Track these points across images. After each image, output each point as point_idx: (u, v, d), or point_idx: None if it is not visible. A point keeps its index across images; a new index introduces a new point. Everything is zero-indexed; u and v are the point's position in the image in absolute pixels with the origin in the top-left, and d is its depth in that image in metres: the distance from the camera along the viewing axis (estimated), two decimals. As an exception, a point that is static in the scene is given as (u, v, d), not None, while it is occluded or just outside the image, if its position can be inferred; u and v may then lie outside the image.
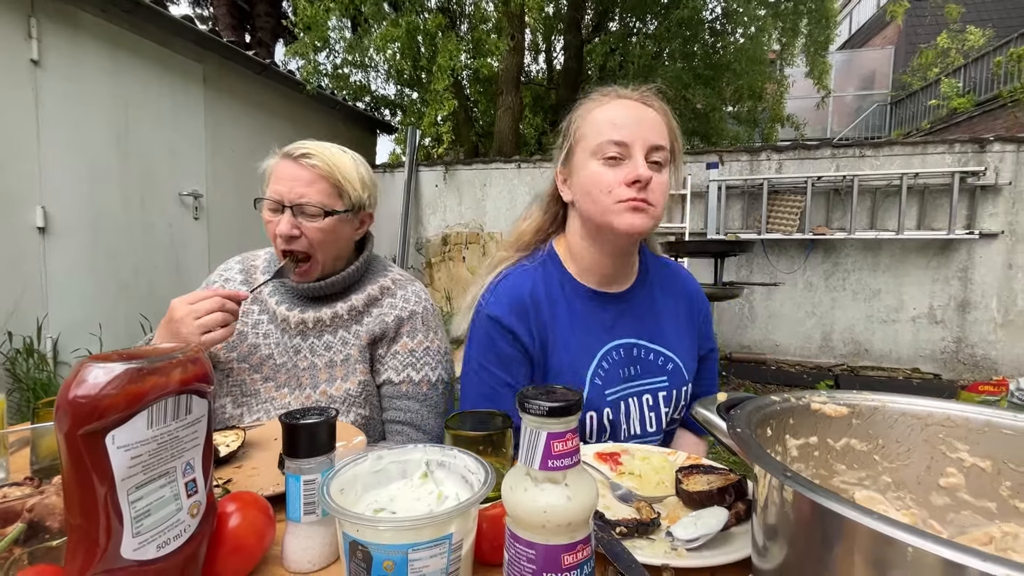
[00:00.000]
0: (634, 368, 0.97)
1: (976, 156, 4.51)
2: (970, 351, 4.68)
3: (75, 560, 0.41)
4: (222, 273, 1.17)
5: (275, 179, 1.03)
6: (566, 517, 0.41)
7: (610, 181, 0.87)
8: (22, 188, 3.18)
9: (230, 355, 1.06)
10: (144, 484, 0.43)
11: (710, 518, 0.60)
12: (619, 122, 0.88)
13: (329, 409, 0.59)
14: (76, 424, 0.39)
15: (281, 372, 1.05)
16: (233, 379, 1.05)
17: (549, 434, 0.42)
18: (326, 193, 1.03)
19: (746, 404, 0.58)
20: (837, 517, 0.37)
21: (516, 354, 0.94)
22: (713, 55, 7.25)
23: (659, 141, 0.88)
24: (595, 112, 0.92)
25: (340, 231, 1.07)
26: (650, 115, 0.90)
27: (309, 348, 1.07)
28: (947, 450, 0.58)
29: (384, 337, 1.08)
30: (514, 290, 0.96)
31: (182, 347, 0.48)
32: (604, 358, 0.95)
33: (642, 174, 0.85)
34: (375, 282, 1.13)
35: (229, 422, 1.03)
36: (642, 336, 0.99)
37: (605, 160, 0.88)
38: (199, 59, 4.29)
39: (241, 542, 0.53)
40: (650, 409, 0.97)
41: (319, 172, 1.03)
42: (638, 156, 0.86)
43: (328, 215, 1.03)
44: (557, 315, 0.95)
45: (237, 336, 1.07)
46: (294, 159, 1.03)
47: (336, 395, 1.03)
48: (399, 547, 0.44)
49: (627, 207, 0.86)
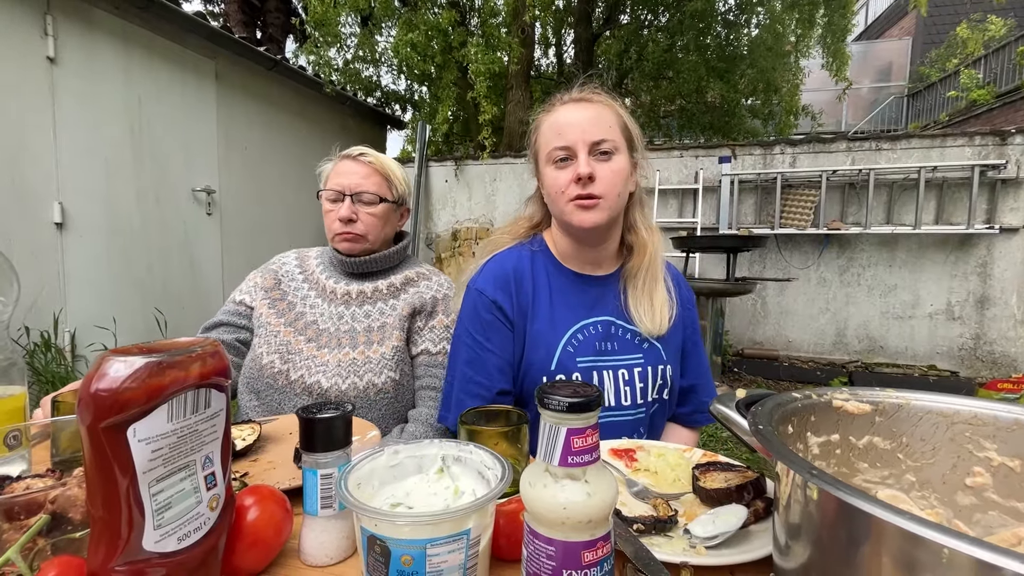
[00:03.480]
0: (610, 343, 1.03)
1: (997, 149, 4.41)
2: (989, 348, 4.60)
3: (98, 551, 0.41)
4: (279, 258, 1.35)
5: (336, 174, 1.24)
6: (586, 514, 0.41)
7: (562, 182, 0.96)
8: (40, 184, 3.23)
9: (279, 320, 1.23)
10: (165, 477, 0.43)
11: (729, 516, 0.59)
12: (561, 128, 0.96)
13: (345, 404, 0.59)
14: (98, 417, 0.39)
15: (323, 336, 1.20)
16: (280, 339, 1.20)
17: (569, 430, 0.41)
18: (379, 185, 1.24)
19: (766, 401, 0.57)
20: (866, 516, 0.36)
21: (496, 321, 1.02)
22: (727, 47, 7.15)
23: (600, 135, 0.94)
24: (544, 123, 1.01)
25: (388, 218, 1.27)
26: (590, 112, 0.96)
27: (351, 315, 1.22)
28: (974, 449, 0.56)
29: (423, 310, 1.24)
30: (499, 266, 1.06)
31: (201, 341, 0.48)
32: (580, 331, 1.02)
33: (582, 172, 0.92)
34: (411, 269, 1.32)
35: (277, 376, 1.16)
36: (619, 315, 1.04)
37: (556, 164, 0.97)
38: (211, 55, 4.32)
39: (260, 535, 0.54)
40: (626, 383, 1.02)
41: (374, 167, 1.24)
42: (581, 155, 0.94)
43: (382, 201, 1.24)
44: (539, 289, 1.04)
45: (287, 306, 1.25)
46: (353, 158, 1.25)
47: (372, 356, 1.17)
48: (418, 542, 0.44)
49: (576, 205, 0.95)
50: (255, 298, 1.27)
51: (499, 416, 0.75)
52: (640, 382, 1.02)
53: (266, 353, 1.18)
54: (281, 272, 1.30)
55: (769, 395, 0.60)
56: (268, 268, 1.32)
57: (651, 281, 1.05)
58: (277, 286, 1.28)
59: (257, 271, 1.33)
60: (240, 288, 1.31)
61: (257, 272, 1.32)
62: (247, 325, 1.26)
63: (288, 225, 5.19)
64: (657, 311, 1.04)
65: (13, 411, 0.71)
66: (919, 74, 10.05)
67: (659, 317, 1.03)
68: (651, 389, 1.03)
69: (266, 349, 1.18)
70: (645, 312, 1.03)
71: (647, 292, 1.05)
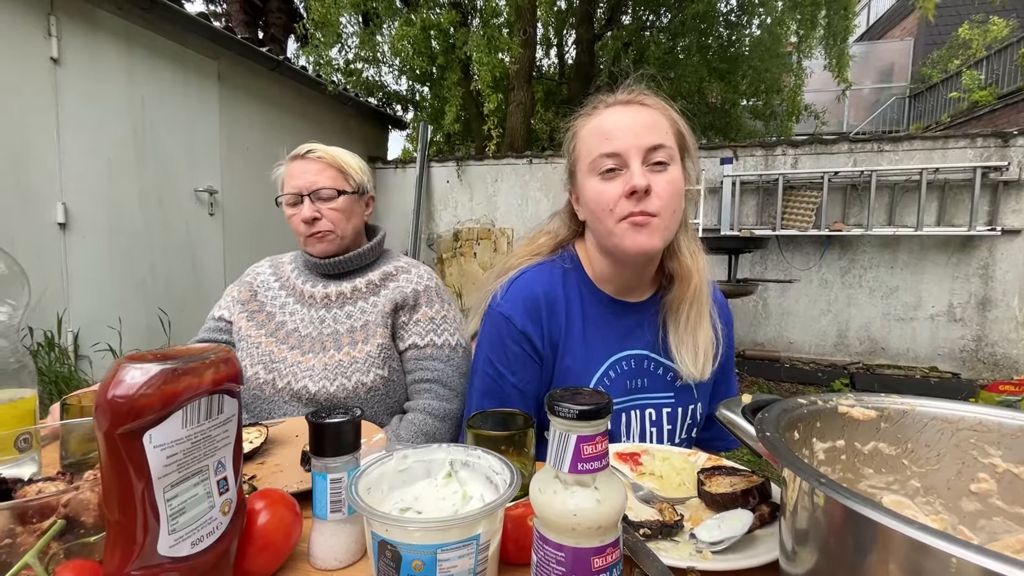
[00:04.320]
0: (641, 381, 0.94)
1: (999, 150, 4.41)
2: (990, 350, 4.59)
3: (113, 556, 0.42)
4: (254, 269, 1.35)
5: (290, 177, 1.22)
6: (596, 520, 0.41)
7: (610, 197, 0.83)
8: (44, 185, 3.24)
9: (260, 332, 1.22)
10: (179, 482, 0.44)
11: (735, 520, 0.59)
12: (609, 132, 0.84)
13: (354, 408, 0.60)
14: (115, 424, 0.40)
15: (306, 341, 1.19)
16: (262, 350, 1.19)
17: (579, 437, 0.42)
18: (334, 178, 1.22)
19: (773, 407, 0.57)
20: (873, 524, 0.37)
21: (525, 355, 0.92)
22: (729, 48, 7.15)
23: (656, 140, 0.82)
24: (586, 127, 0.89)
25: (352, 210, 1.24)
26: (643, 115, 0.85)
27: (332, 318, 1.21)
28: (979, 455, 0.57)
29: (405, 305, 1.22)
30: (528, 289, 0.94)
31: (214, 347, 0.48)
32: (612, 367, 0.93)
33: (637, 183, 0.80)
34: (389, 264, 1.29)
35: (263, 387, 1.15)
36: (655, 349, 0.96)
37: (603, 175, 0.84)
38: (214, 56, 4.33)
39: (270, 539, 0.54)
40: (652, 424, 0.94)
41: (325, 162, 1.22)
42: (635, 163, 0.82)
43: (341, 194, 1.21)
44: (572, 318, 0.93)
45: (266, 316, 1.24)
46: (302, 157, 1.22)
47: (358, 356, 1.16)
48: (428, 547, 0.45)
49: (629, 225, 0.82)
50: (233, 312, 1.26)
51: (506, 420, 0.75)
52: (669, 424, 0.94)
53: (250, 365, 1.17)
54: (256, 283, 1.29)
55: (775, 400, 0.60)
56: (243, 281, 1.31)
57: (696, 318, 0.92)
58: (254, 298, 1.27)
59: (234, 284, 1.32)
60: (219, 304, 1.30)
61: (234, 286, 1.31)
62: (228, 340, 1.25)
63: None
64: (701, 354, 0.91)
65: (24, 414, 0.72)
66: (921, 75, 10.04)
67: (702, 361, 0.91)
68: (679, 430, 0.95)
69: (249, 362, 1.17)
70: (687, 354, 0.92)
71: (691, 331, 0.92)
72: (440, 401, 1.15)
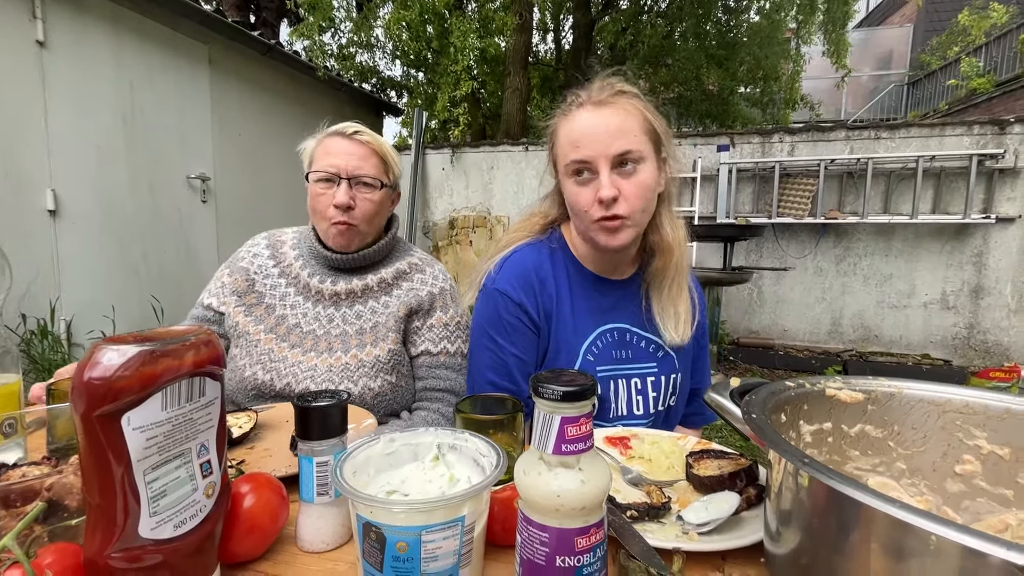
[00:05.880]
0: (625, 351, 1.00)
1: (995, 138, 4.40)
2: (982, 337, 4.63)
3: (94, 539, 0.42)
4: (250, 249, 1.22)
5: (327, 154, 1.10)
6: (580, 501, 0.41)
7: (584, 201, 0.89)
8: (32, 171, 3.19)
9: (258, 327, 1.12)
10: (160, 465, 0.43)
11: (721, 503, 0.60)
12: (579, 139, 0.87)
13: (341, 392, 0.59)
14: (92, 406, 0.39)
15: (308, 339, 1.11)
16: (261, 348, 1.10)
17: (563, 419, 0.42)
18: (378, 168, 1.13)
19: (760, 390, 0.57)
20: (855, 503, 0.37)
21: (522, 325, 0.97)
22: (727, 34, 7.08)
23: (623, 147, 0.85)
24: (561, 128, 0.92)
25: (385, 204, 1.16)
26: (613, 119, 0.86)
27: (342, 317, 1.13)
28: (964, 437, 0.57)
29: (420, 310, 1.15)
30: (521, 265, 0.99)
31: (195, 330, 0.48)
32: (598, 338, 0.99)
33: (603, 195, 0.85)
34: (402, 259, 1.21)
35: (261, 388, 1.08)
36: (636, 322, 1.01)
37: (577, 179, 0.89)
38: (204, 40, 4.25)
39: (256, 522, 0.54)
40: (638, 392, 1.00)
41: (372, 148, 1.12)
42: (603, 173, 0.86)
43: (383, 187, 1.12)
44: (560, 292, 0.99)
45: (265, 310, 1.14)
46: (347, 136, 1.11)
47: (366, 360, 1.09)
48: (412, 529, 0.45)
49: (600, 227, 0.89)
50: (225, 303, 1.15)
51: (495, 404, 0.75)
52: (653, 391, 1.00)
53: (248, 365, 1.08)
54: (253, 269, 1.17)
55: (763, 384, 0.60)
56: (237, 265, 1.18)
57: (677, 288, 1.00)
58: (251, 288, 1.15)
59: (225, 267, 1.19)
60: (208, 289, 1.17)
61: (225, 268, 1.18)
62: (218, 332, 1.14)
63: (284, 212, 5.15)
64: (683, 319, 0.99)
65: (7, 398, 0.71)
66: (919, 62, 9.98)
67: (683, 326, 0.99)
68: (663, 398, 1.01)
69: (248, 361, 1.09)
70: (670, 320, 0.99)
71: (672, 299, 1.00)
72: (451, 408, 1.11)
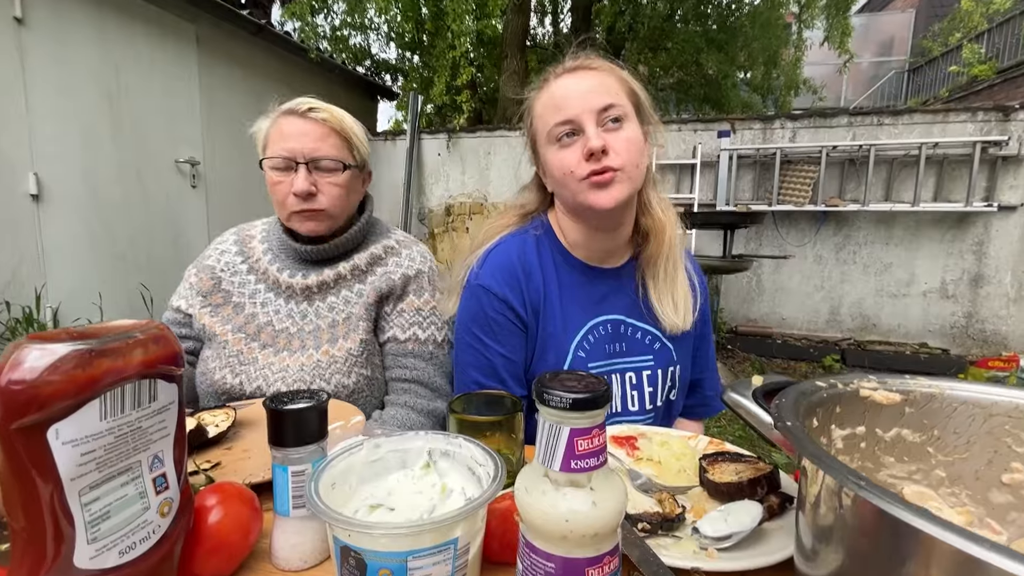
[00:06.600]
0: (619, 344, 0.95)
1: (1000, 125, 4.33)
2: (980, 326, 4.61)
3: (21, 569, 0.35)
4: (217, 247, 1.14)
5: (281, 137, 0.99)
6: (592, 526, 0.35)
7: (571, 161, 0.84)
8: (13, 153, 3.08)
9: (225, 328, 1.05)
10: (100, 483, 0.37)
11: (742, 514, 0.54)
12: (560, 102, 0.85)
13: (320, 393, 0.53)
14: (9, 416, 0.33)
15: (280, 337, 1.04)
16: (230, 350, 1.02)
17: (572, 430, 0.35)
18: (339, 147, 1.02)
19: (788, 391, 0.51)
20: (915, 532, 0.31)
21: (508, 323, 0.92)
22: (728, 17, 6.94)
23: (606, 100, 0.82)
24: (539, 100, 0.89)
25: (353, 187, 1.06)
26: (591, 79, 0.85)
27: (315, 312, 1.05)
28: (1013, 443, 0.51)
29: (391, 294, 1.07)
30: (505, 257, 0.94)
31: (143, 324, 0.41)
32: (590, 332, 0.93)
33: (593, 146, 0.81)
34: (378, 242, 1.12)
35: (231, 392, 1.00)
36: (632, 313, 0.96)
37: (561, 143, 0.85)
38: (192, 19, 4.11)
39: (223, 540, 0.48)
40: (633, 387, 0.94)
41: (330, 126, 1.00)
42: (589, 127, 0.82)
43: (346, 168, 1.01)
44: (548, 284, 0.93)
45: (233, 309, 1.06)
46: (300, 115, 1.00)
47: (338, 355, 1.01)
48: (397, 555, 0.39)
49: (591, 184, 0.83)
50: (192, 304, 1.08)
51: (492, 403, 0.69)
52: (649, 386, 0.95)
53: (218, 368, 1.01)
54: (219, 267, 1.09)
55: (789, 383, 0.55)
56: (204, 264, 1.11)
57: (672, 270, 0.95)
58: (217, 287, 1.07)
59: (193, 266, 1.12)
60: (178, 291, 1.11)
61: (192, 268, 1.12)
62: (188, 334, 1.08)
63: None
64: (681, 303, 0.94)
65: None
66: (921, 48, 9.85)
67: (683, 310, 0.94)
68: (660, 393, 0.96)
69: (218, 364, 1.01)
70: (668, 306, 0.94)
71: (669, 283, 0.95)
72: (421, 399, 1.04)
